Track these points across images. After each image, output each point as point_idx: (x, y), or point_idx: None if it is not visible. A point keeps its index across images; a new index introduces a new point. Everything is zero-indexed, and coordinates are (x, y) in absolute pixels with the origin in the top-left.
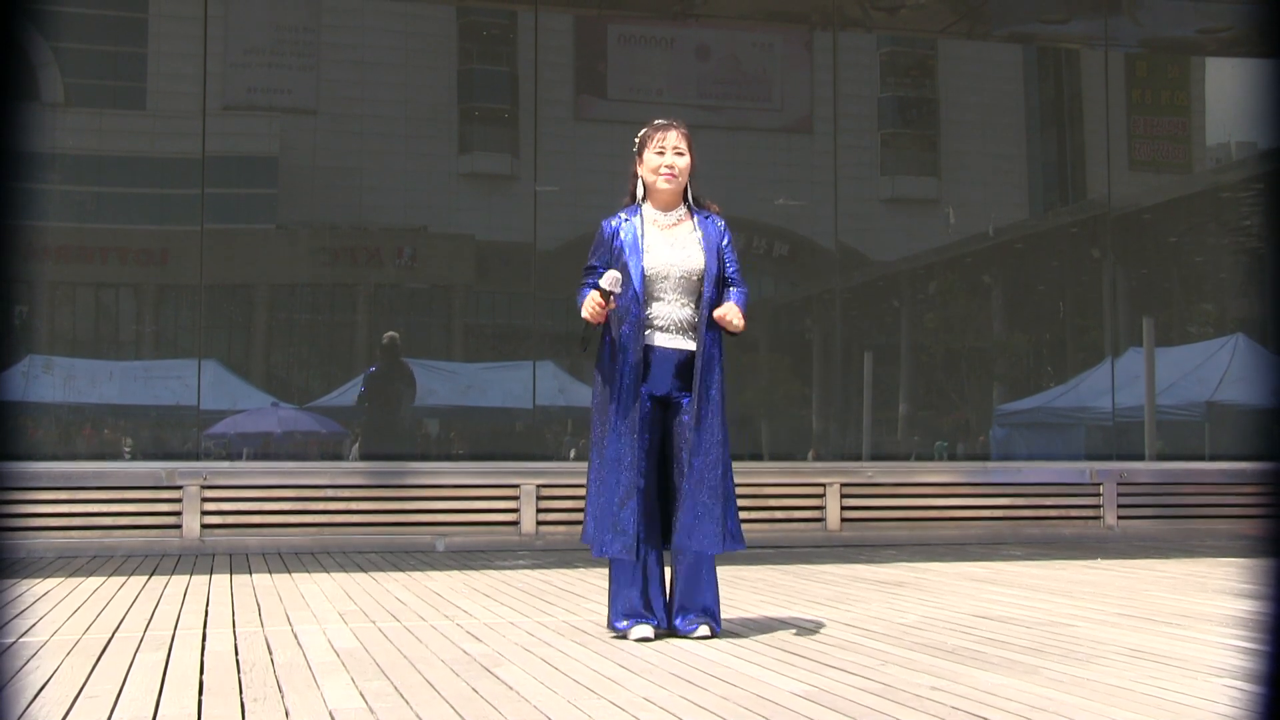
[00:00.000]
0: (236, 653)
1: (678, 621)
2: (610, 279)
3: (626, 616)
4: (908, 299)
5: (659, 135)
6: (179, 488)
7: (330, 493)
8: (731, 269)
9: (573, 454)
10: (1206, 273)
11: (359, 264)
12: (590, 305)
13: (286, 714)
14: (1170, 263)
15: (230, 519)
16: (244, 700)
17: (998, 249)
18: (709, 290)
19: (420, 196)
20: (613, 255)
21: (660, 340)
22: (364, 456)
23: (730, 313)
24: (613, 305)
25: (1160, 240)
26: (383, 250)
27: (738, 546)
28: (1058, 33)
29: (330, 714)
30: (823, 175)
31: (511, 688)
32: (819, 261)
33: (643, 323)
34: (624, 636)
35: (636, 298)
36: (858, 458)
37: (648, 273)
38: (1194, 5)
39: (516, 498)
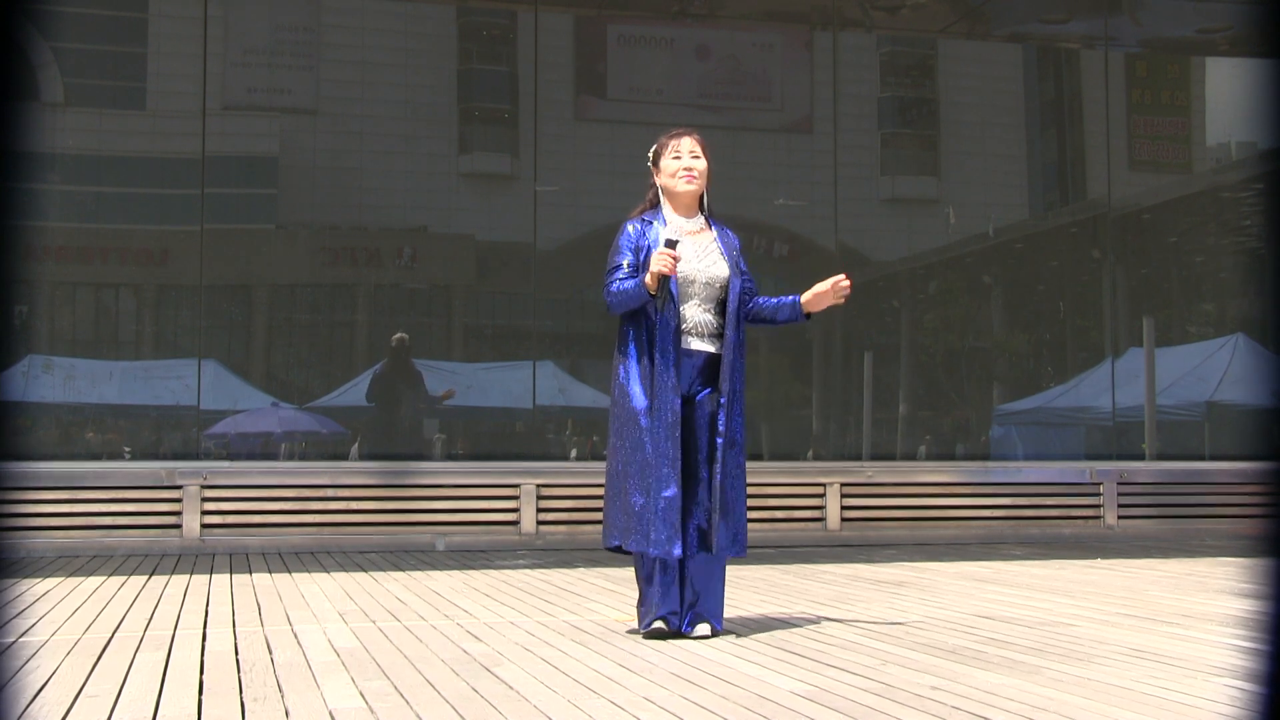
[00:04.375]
0: (236, 653)
1: (684, 620)
2: (671, 232)
3: (663, 616)
4: (908, 299)
5: (674, 142)
6: (179, 488)
7: (330, 493)
8: (750, 283)
9: (573, 454)
10: (1206, 273)
11: (359, 264)
12: (661, 259)
13: (286, 714)
14: (1170, 263)
15: (230, 519)
16: (244, 700)
17: (998, 249)
18: (733, 301)
19: (420, 196)
20: (640, 256)
21: (686, 343)
22: (365, 456)
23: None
24: (678, 257)
25: (1160, 240)
26: (383, 250)
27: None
28: (1058, 33)
29: (330, 714)
30: (823, 175)
31: (511, 687)
32: (819, 261)
33: (678, 327)
34: (637, 633)
35: (673, 299)
36: (858, 458)
37: (677, 277)
38: (1194, 5)
39: (517, 498)
